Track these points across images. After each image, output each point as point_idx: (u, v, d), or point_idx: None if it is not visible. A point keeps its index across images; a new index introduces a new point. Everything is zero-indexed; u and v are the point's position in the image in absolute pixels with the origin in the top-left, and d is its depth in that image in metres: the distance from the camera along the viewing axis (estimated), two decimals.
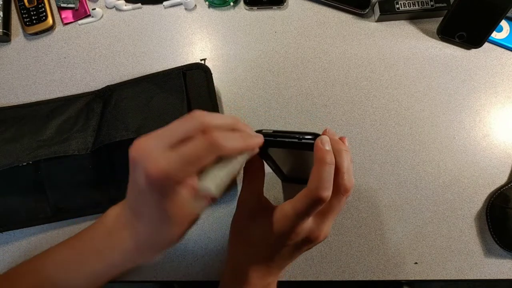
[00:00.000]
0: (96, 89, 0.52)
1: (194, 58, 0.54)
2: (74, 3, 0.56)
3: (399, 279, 0.48)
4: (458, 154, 0.50)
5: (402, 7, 0.53)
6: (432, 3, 0.53)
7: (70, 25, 0.56)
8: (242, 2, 0.56)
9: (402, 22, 0.55)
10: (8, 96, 0.54)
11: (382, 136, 0.51)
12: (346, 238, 0.49)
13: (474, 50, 0.53)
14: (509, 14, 0.51)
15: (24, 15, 0.55)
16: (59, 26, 0.56)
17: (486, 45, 0.53)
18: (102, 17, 0.56)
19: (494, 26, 0.50)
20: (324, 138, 0.31)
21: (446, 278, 0.47)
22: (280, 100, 0.53)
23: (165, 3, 0.56)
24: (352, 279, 0.48)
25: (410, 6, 0.53)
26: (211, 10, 0.56)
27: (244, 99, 0.53)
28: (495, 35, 0.53)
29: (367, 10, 0.54)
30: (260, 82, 0.53)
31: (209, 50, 0.55)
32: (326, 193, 0.30)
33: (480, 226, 0.48)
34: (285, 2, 0.55)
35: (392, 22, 0.55)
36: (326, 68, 0.54)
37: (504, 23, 0.53)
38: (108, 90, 0.51)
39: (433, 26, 0.54)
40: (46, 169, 0.48)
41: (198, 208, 0.30)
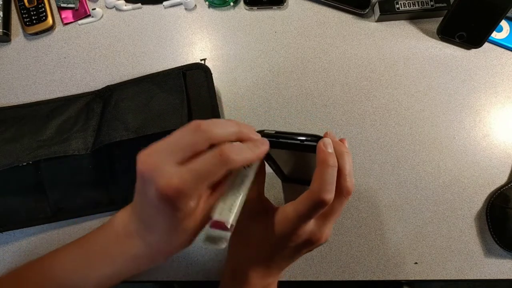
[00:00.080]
0: (96, 89, 0.52)
1: (194, 58, 0.54)
2: (74, 3, 0.56)
3: (399, 279, 0.48)
4: (458, 154, 0.50)
5: (402, 7, 0.53)
6: (432, 3, 0.53)
7: (70, 25, 0.56)
8: (242, 2, 0.56)
9: (402, 22, 0.55)
10: (8, 96, 0.54)
11: (382, 136, 0.51)
12: (346, 238, 0.49)
13: (474, 50, 0.53)
14: (509, 14, 0.51)
15: (24, 15, 0.55)
16: (59, 26, 0.56)
17: (486, 45, 0.53)
18: (102, 17, 0.56)
19: (494, 26, 0.50)
20: (326, 140, 0.31)
21: (446, 278, 0.47)
22: (280, 100, 0.53)
23: (165, 3, 0.56)
24: (352, 279, 0.48)
25: (410, 6, 0.53)
26: (211, 10, 0.56)
27: (244, 99, 0.53)
28: (495, 35, 0.53)
29: (367, 10, 0.54)
30: (260, 82, 0.53)
31: (209, 50, 0.55)
32: (329, 195, 0.30)
33: (480, 226, 0.48)
34: (285, 2, 0.55)
35: (392, 22, 0.55)
36: (326, 68, 0.54)
37: (504, 23, 0.53)
38: (108, 90, 0.51)
39: (433, 26, 0.54)
40: (46, 169, 0.48)
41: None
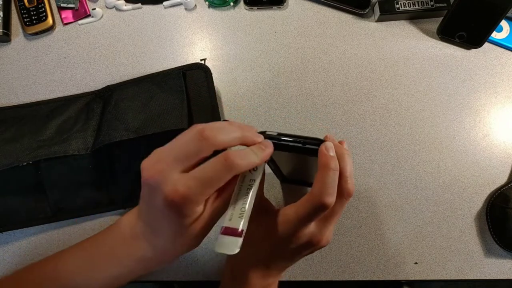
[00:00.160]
0: (96, 89, 0.52)
1: (194, 58, 0.54)
2: (74, 3, 0.56)
3: (399, 279, 0.48)
4: (458, 154, 0.50)
5: (402, 7, 0.53)
6: (432, 3, 0.53)
7: (70, 25, 0.56)
8: (242, 2, 0.56)
9: (402, 22, 0.55)
10: (8, 96, 0.54)
11: (382, 136, 0.51)
12: (346, 238, 0.49)
13: (474, 50, 0.53)
14: (509, 14, 0.51)
15: (24, 15, 0.55)
16: (59, 26, 0.56)
17: (486, 45, 0.53)
18: (102, 17, 0.56)
19: (494, 26, 0.50)
20: (328, 144, 0.31)
21: (446, 278, 0.47)
22: (280, 100, 0.53)
23: (165, 3, 0.56)
24: (352, 279, 0.48)
25: (410, 6, 0.53)
26: (211, 10, 0.56)
27: (244, 99, 0.53)
28: (495, 35, 0.53)
29: (367, 10, 0.54)
30: (260, 82, 0.53)
31: (209, 50, 0.55)
32: (331, 199, 0.30)
33: (480, 226, 0.48)
34: (285, 2, 0.55)
35: (392, 22, 0.55)
36: (326, 68, 0.54)
37: (504, 23, 0.53)
38: (108, 90, 0.51)
39: (433, 26, 0.54)
40: (46, 169, 0.48)
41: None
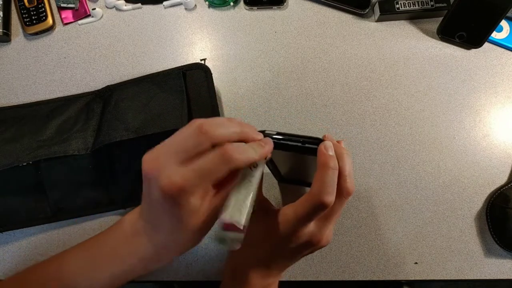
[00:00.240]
0: (96, 89, 0.52)
1: (194, 58, 0.54)
2: (74, 3, 0.56)
3: (399, 279, 0.48)
4: (458, 154, 0.50)
5: (402, 7, 0.53)
6: (432, 3, 0.53)
7: (70, 25, 0.56)
8: (242, 2, 0.56)
9: (402, 22, 0.55)
10: (8, 96, 0.54)
11: (382, 136, 0.51)
12: (346, 238, 0.49)
13: (474, 50, 0.53)
14: (509, 14, 0.51)
15: (24, 15, 0.55)
16: (59, 26, 0.56)
17: (486, 45, 0.53)
18: (102, 17, 0.56)
19: (494, 26, 0.50)
20: (327, 143, 0.32)
21: (446, 278, 0.47)
22: (280, 100, 0.53)
23: (165, 3, 0.56)
24: (352, 279, 0.48)
25: (410, 6, 0.53)
26: (211, 10, 0.56)
27: (244, 99, 0.53)
28: (495, 35, 0.53)
29: (367, 10, 0.54)
30: (260, 82, 0.53)
31: (209, 50, 0.55)
32: (330, 198, 0.30)
33: (480, 226, 0.48)
34: (285, 2, 0.55)
35: (392, 22, 0.55)
36: (326, 68, 0.54)
37: (504, 23, 0.53)
38: (108, 90, 0.51)
39: (433, 26, 0.54)
40: (46, 169, 0.48)
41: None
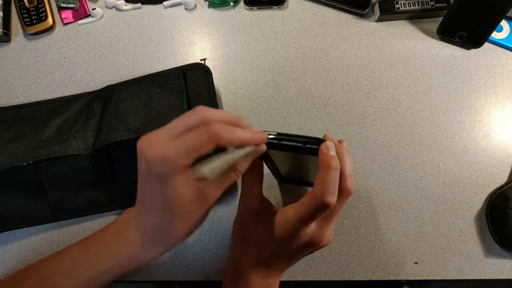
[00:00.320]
0: (96, 89, 0.52)
1: (194, 58, 0.54)
2: (74, 3, 0.56)
3: (399, 279, 0.48)
4: (458, 154, 0.50)
5: (402, 7, 0.53)
6: (432, 3, 0.53)
7: (70, 25, 0.56)
8: (242, 2, 0.56)
9: (402, 22, 0.55)
10: (8, 96, 0.54)
11: (382, 136, 0.51)
12: (346, 238, 0.49)
13: (474, 50, 0.53)
14: (509, 14, 0.51)
15: (24, 15, 0.55)
16: (59, 26, 0.56)
17: (486, 45, 0.53)
18: (102, 17, 0.56)
19: (494, 26, 0.50)
20: (329, 143, 0.32)
21: (446, 278, 0.47)
22: (280, 100, 0.53)
23: (165, 3, 0.56)
24: (352, 279, 0.48)
25: (410, 6, 0.53)
26: (211, 10, 0.56)
27: (244, 99, 0.53)
28: (495, 35, 0.53)
29: (367, 10, 0.54)
30: (260, 82, 0.53)
31: (209, 50, 0.55)
32: (332, 198, 0.30)
33: (480, 226, 0.48)
34: (285, 2, 0.55)
35: (392, 22, 0.55)
36: (326, 68, 0.54)
37: (504, 23, 0.53)
38: (108, 90, 0.51)
39: (433, 26, 0.54)
40: (46, 169, 0.48)
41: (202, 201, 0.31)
